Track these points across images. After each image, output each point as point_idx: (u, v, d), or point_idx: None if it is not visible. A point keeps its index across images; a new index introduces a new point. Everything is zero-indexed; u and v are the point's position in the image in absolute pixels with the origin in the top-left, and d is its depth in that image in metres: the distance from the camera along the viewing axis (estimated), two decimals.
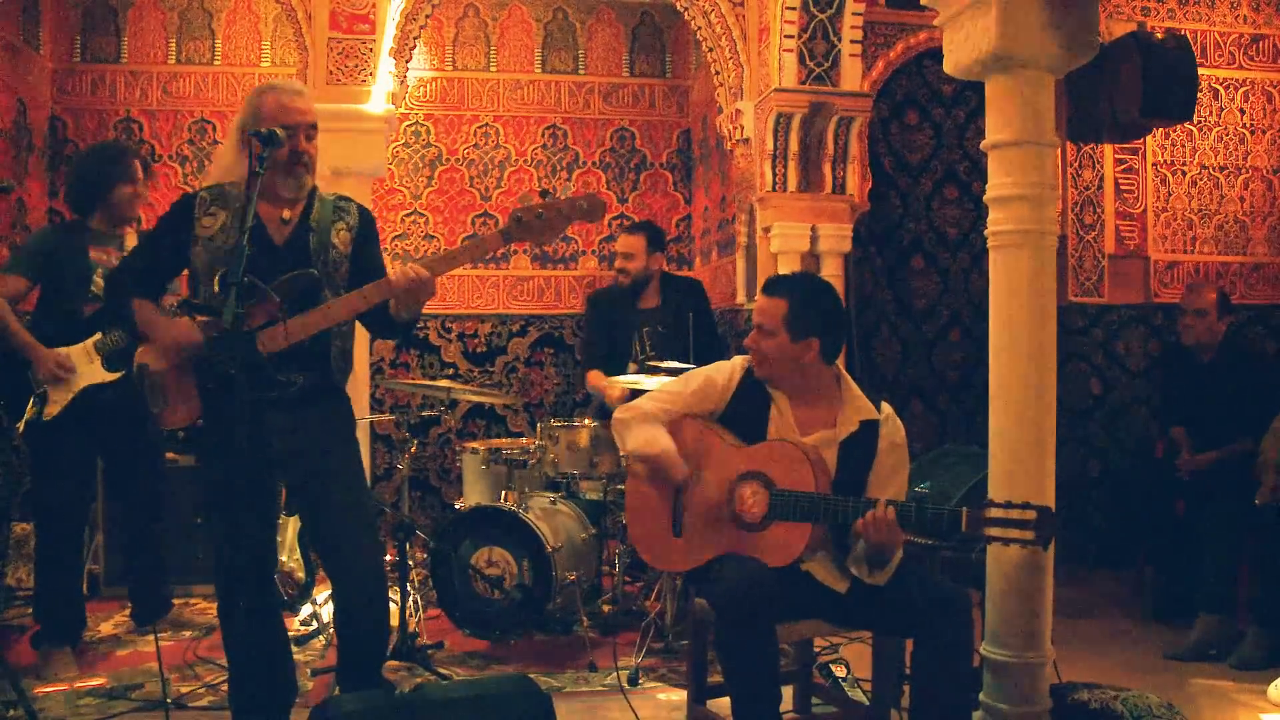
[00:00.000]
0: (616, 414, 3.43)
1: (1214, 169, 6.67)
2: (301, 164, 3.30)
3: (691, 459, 3.25)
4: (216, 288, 3.23)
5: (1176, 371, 5.46)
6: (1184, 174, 6.64)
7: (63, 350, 4.36)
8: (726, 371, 3.37)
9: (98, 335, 4.40)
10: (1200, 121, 6.55)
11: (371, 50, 5.65)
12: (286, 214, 3.35)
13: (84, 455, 4.59)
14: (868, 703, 3.72)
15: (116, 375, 4.38)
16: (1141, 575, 5.27)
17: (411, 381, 5.95)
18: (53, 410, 4.35)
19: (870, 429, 3.25)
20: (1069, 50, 3.43)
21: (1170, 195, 6.62)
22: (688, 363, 4.79)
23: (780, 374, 3.26)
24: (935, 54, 5.89)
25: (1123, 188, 6.58)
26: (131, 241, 4.51)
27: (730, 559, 3.12)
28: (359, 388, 5.36)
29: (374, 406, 6.42)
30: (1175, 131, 6.59)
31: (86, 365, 4.41)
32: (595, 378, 5.47)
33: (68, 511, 4.52)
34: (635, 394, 4.58)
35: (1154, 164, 6.63)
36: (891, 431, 3.27)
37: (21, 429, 4.37)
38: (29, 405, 4.32)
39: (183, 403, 3.23)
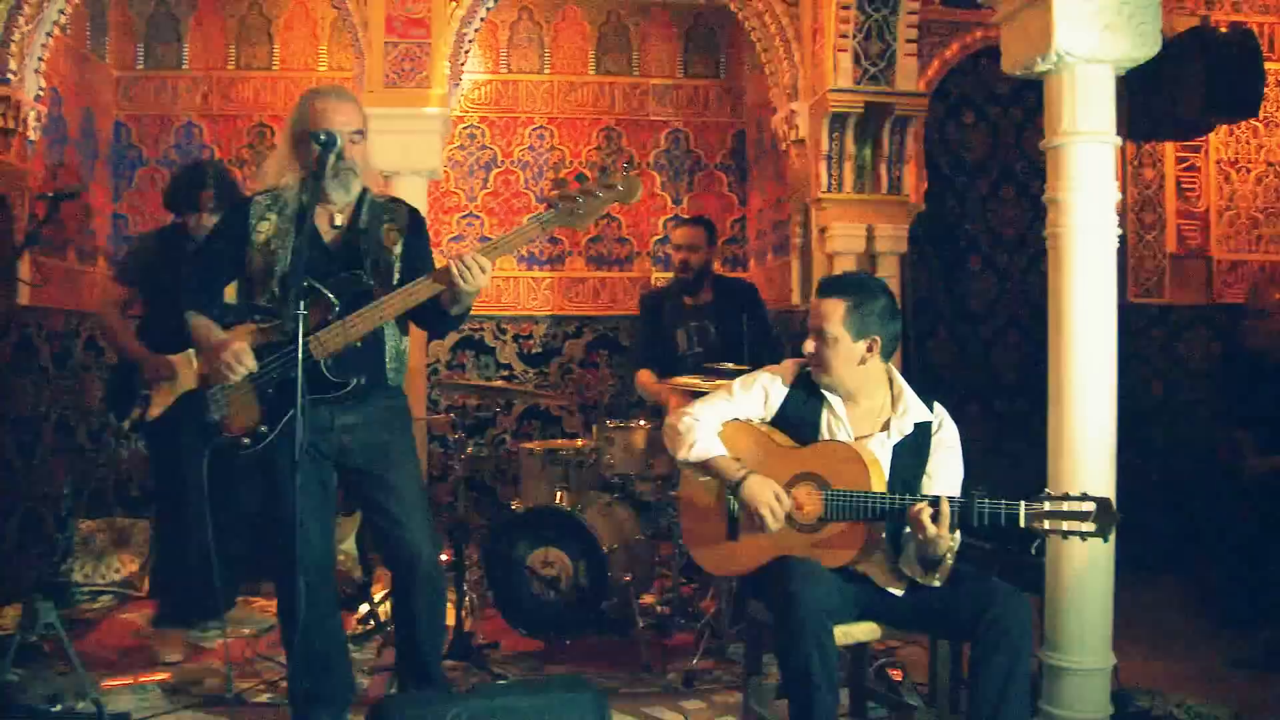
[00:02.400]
0: (668, 420, 3.41)
1: None
2: (346, 169, 3.35)
3: (745, 462, 3.24)
4: (276, 290, 3.29)
5: (1240, 373, 5.36)
6: (1249, 171, 6.51)
7: (169, 356, 4.46)
8: (780, 373, 3.35)
9: None
10: (1266, 117, 6.42)
11: (427, 54, 5.70)
12: (338, 218, 3.42)
13: (191, 449, 4.69)
14: (924, 708, 3.69)
15: None
16: (1204, 580, 5.18)
17: (467, 382, 5.99)
18: (154, 412, 4.45)
19: (924, 430, 3.22)
20: (1130, 47, 3.39)
21: (1234, 193, 6.50)
22: (742, 364, 4.77)
23: (837, 376, 3.24)
24: (992, 52, 5.84)
25: (1184, 186, 6.48)
26: None
27: (786, 561, 3.10)
28: (415, 388, 5.41)
29: (430, 407, 6.47)
30: (1239, 128, 6.46)
31: (188, 369, 4.48)
32: (644, 377, 5.47)
33: (182, 502, 4.63)
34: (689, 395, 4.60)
35: (1217, 161, 6.51)
36: (946, 432, 3.24)
37: (127, 427, 4.50)
38: (135, 407, 4.44)
39: (244, 412, 3.28)
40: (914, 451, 3.21)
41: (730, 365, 4.75)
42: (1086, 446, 3.37)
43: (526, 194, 7.29)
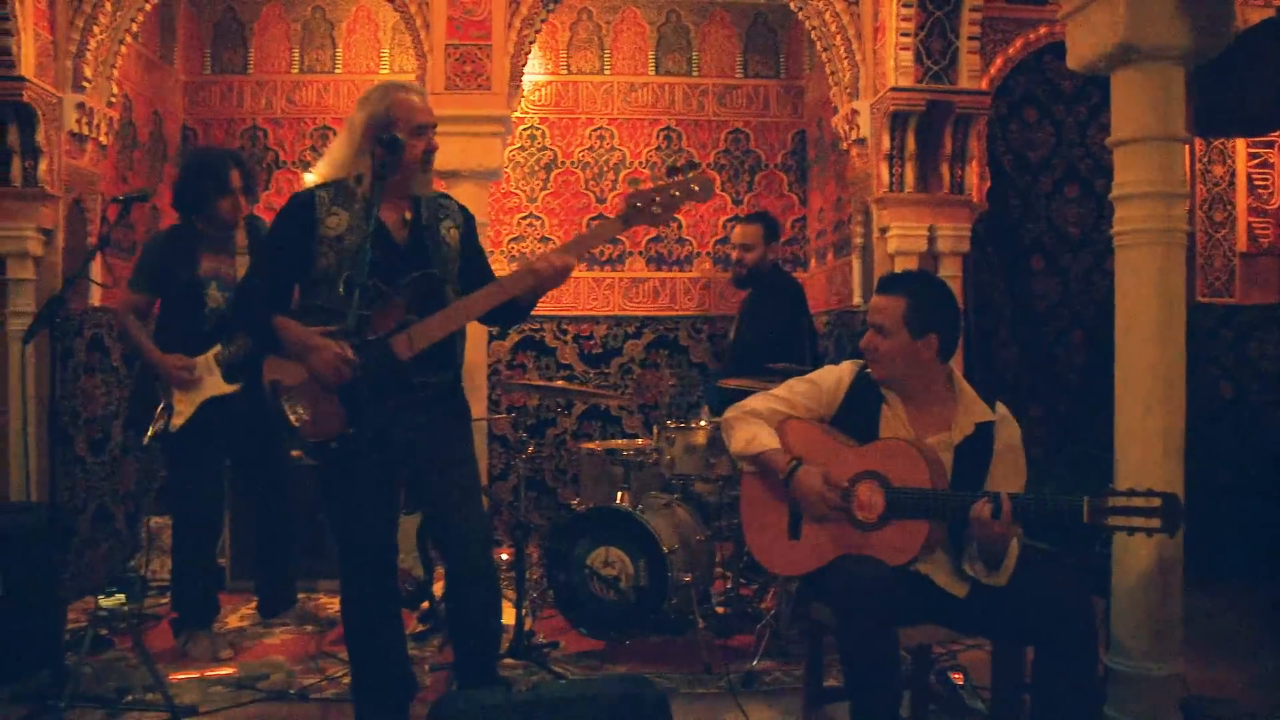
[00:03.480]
0: (726, 413, 3.42)
1: None
2: (432, 162, 3.39)
3: (804, 460, 3.23)
4: (342, 290, 3.24)
5: None
6: None
7: (187, 359, 4.50)
8: (838, 373, 3.34)
9: (217, 347, 4.49)
10: None
11: (488, 56, 5.74)
12: (408, 214, 3.40)
13: (212, 460, 4.74)
14: (986, 712, 3.65)
15: (236, 386, 4.49)
16: (1276, 586, 5.07)
17: (528, 382, 6.01)
18: (178, 421, 4.49)
19: (985, 431, 3.19)
20: (1201, 41, 3.33)
21: None
22: (804, 365, 4.77)
23: (897, 374, 3.21)
24: (1055, 49, 5.80)
25: (1256, 183, 6.35)
26: (242, 241, 4.61)
27: (848, 559, 3.09)
28: (476, 388, 5.45)
29: (490, 407, 6.51)
30: None
31: (209, 376, 4.53)
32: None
33: (200, 510, 4.70)
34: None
35: None
36: (1007, 433, 3.20)
37: (150, 437, 4.52)
38: (156, 416, 4.48)
39: (326, 414, 3.21)
40: (976, 452, 3.18)
41: (791, 365, 4.75)
42: (1153, 448, 3.31)
43: (587, 194, 7.32)
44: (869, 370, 3.27)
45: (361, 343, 3.14)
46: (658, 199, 3.23)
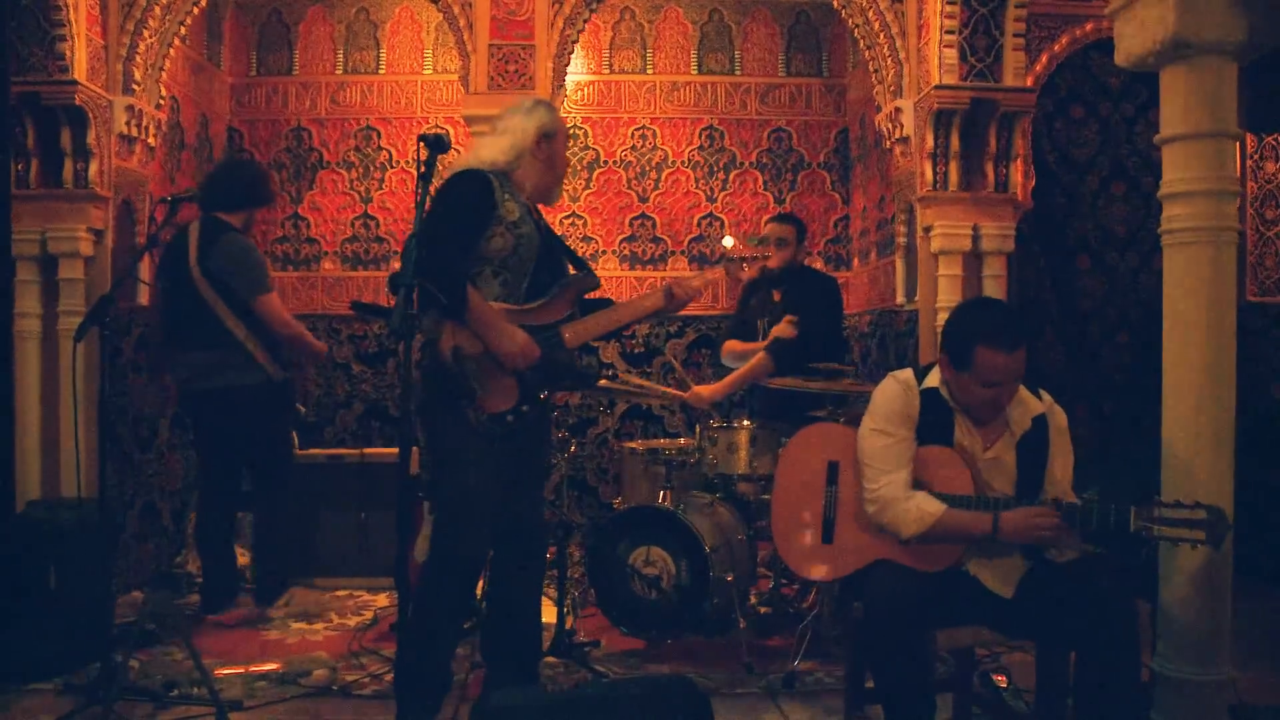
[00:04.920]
0: (873, 512, 3.14)
1: None
2: None
3: (849, 467, 3.22)
4: (527, 280, 3.50)
5: None
6: None
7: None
8: (904, 403, 3.18)
9: None
10: None
11: (531, 56, 5.76)
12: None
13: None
14: (1030, 715, 3.61)
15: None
16: None
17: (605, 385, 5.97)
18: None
19: (1040, 422, 3.18)
20: (1256, 34, 3.26)
21: None
22: (830, 362, 4.77)
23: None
24: (1102, 45, 5.73)
25: None
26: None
27: (881, 565, 3.08)
28: None
29: None
30: None
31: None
32: (730, 344, 5.57)
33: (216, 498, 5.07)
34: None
35: None
36: (1057, 417, 3.21)
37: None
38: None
39: (502, 389, 3.43)
40: (1036, 445, 3.17)
41: (836, 366, 4.74)
42: (1202, 451, 3.27)
43: (629, 194, 7.32)
44: (938, 390, 3.18)
45: (534, 328, 3.45)
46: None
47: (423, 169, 3.11)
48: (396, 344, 4.07)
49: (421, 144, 3.09)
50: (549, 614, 4.21)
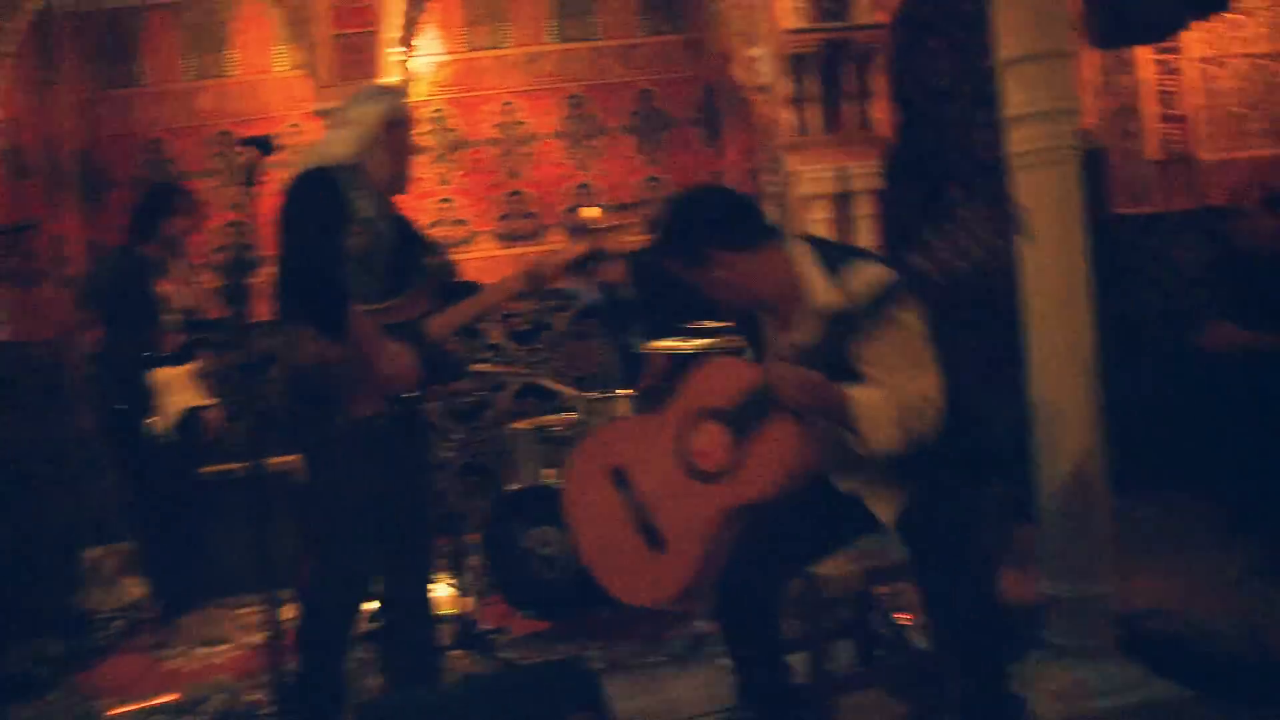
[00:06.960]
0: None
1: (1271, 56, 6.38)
2: None
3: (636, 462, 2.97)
4: (385, 275, 3.30)
5: (1232, 275, 5.21)
6: (1225, 66, 6.35)
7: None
8: None
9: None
10: (1245, 8, 6.24)
11: (376, 42, 5.62)
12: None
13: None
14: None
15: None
16: (1215, 490, 5.05)
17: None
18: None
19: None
20: None
21: (1216, 91, 6.35)
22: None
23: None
24: None
25: (1165, 90, 6.33)
26: None
27: (733, 522, 2.81)
28: None
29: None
30: (1219, 22, 6.25)
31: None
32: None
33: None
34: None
35: (1199, 59, 6.35)
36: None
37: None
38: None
39: (370, 391, 3.24)
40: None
41: (716, 324, 4.69)
42: (1062, 361, 3.29)
43: (498, 171, 7.17)
44: None
45: (396, 326, 3.25)
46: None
47: (247, 176, 3.00)
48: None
49: (246, 149, 2.99)
50: (452, 606, 4.15)
